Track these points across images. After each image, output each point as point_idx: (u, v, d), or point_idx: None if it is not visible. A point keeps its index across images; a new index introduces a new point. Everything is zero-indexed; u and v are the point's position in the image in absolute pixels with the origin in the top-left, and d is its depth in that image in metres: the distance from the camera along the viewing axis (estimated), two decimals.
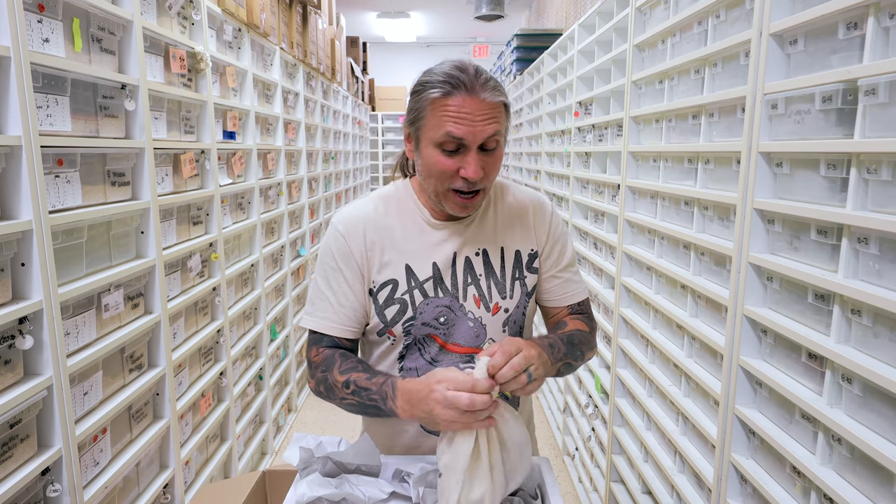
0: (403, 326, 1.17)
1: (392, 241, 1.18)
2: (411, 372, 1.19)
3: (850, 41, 1.03)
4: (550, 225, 1.25)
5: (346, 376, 1.11)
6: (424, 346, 1.18)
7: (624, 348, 2.12)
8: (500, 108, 1.08)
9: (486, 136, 1.05)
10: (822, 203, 1.09)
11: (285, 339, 3.43)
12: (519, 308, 1.22)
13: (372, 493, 1.06)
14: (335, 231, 1.19)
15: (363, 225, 1.18)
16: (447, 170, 1.08)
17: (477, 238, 1.20)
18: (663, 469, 1.75)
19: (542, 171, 3.75)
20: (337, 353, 1.17)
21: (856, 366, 0.97)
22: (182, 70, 2.04)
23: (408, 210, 1.20)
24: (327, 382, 1.13)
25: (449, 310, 1.17)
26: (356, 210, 1.21)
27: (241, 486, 1.58)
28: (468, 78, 1.05)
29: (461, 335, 1.18)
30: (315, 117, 4.24)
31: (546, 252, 1.24)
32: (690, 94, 1.63)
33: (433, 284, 1.17)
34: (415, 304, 1.17)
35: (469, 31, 10.43)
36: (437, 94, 1.06)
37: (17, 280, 1.33)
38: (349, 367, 1.12)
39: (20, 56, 1.25)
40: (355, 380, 1.09)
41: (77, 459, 1.45)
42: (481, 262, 1.20)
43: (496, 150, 1.09)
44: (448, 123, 1.05)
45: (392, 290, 1.17)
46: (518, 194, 1.26)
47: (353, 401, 1.10)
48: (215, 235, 2.32)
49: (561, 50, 3.26)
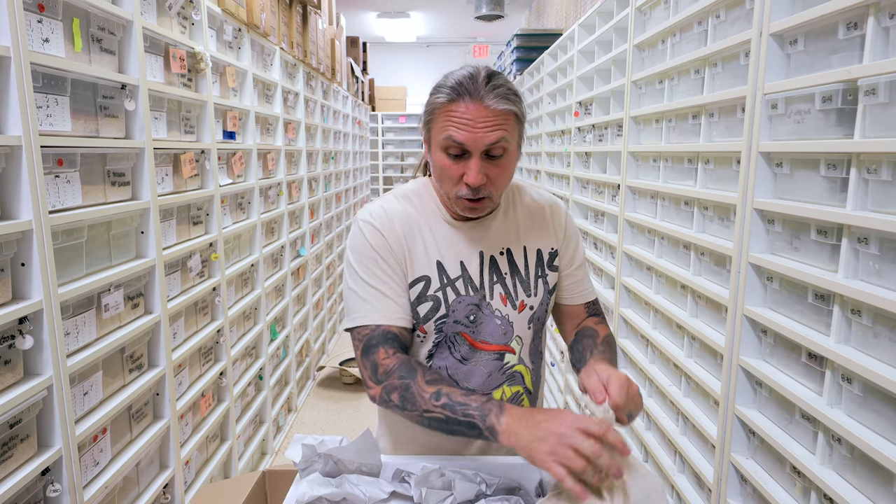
0: (436, 324, 1.17)
1: (422, 236, 1.17)
2: (441, 370, 1.19)
3: (850, 41, 1.03)
4: (566, 224, 1.27)
5: (435, 387, 1.03)
6: (454, 344, 1.18)
7: (624, 348, 2.12)
8: (508, 116, 1.06)
9: (489, 143, 1.04)
10: (822, 203, 1.09)
11: (285, 339, 3.43)
12: (542, 305, 1.23)
13: (372, 492, 1.06)
14: (369, 227, 1.16)
15: (394, 219, 1.17)
16: (452, 174, 1.08)
17: (500, 237, 1.21)
18: (663, 469, 1.75)
19: (542, 171, 3.75)
20: (413, 359, 1.11)
21: (856, 366, 0.97)
22: (182, 70, 2.04)
23: (430, 208, 1.21)
24: (409, 391, 1.05)
25: (478, 308, 1.17)
26: (384, 206, 1.19)
27: (241, 486, 1.58)
28: (476, 85, 1.05)
29: (489, 333, 1.18)
30: (315, 117, 4.24)
31: (563, 251, 1.26)
32: (690, 94, 1.63)
33: (463, 283, 1.17)
34: (448, 302, 1.16)
35: (469, 31, 10.43)
36: (443, 100, 1.07)
37: (17, 280, 1.33)
38: (435, 377, 1.06)
39: (20, 56, 1.25)
40: (448, 392, 1.02)
41: (77, 459, 1.45)
42: (506, 260, 1.21)
43: (503, 158, 1.08)
44: (451, 128, 1.05)
45: (425, 286, 1.16)
46: (535, 195, 1.28)
47: (440, 414, 1.02)
48: (215, 235, 2.32)
49: (561, 50, 3.26)
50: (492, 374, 1.20)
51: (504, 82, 1.08)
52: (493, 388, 1.20)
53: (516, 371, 1.22)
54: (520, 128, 1.11)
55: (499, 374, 1.20)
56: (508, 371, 1.21)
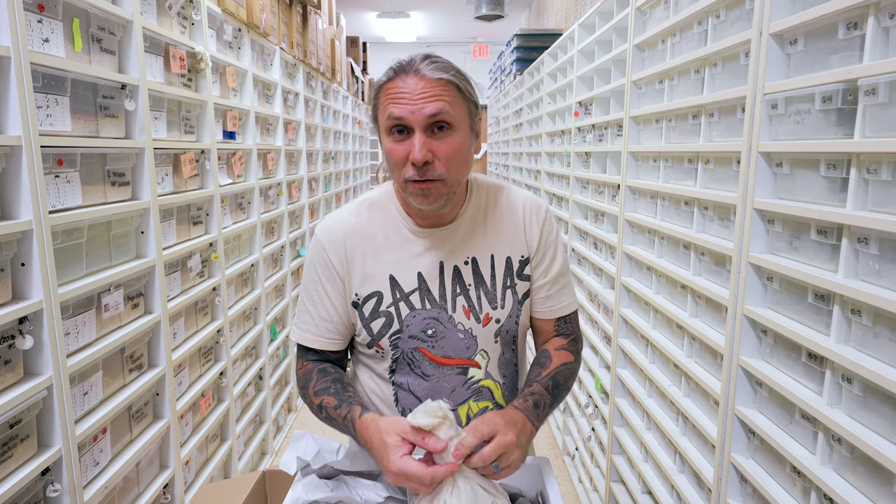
0: (390, 340, 1.14)
1: (374, 250, 1.14)
2: (403, 386, 1.17)
3: (850, 41, 1.03)
4: (542, 230, 1.19)
5: (319, 399, 1.12)
6: (414, 361, 1.15)
7: (624, 348, 2.12)
8: (447, 86, 1.01)
9: (428, 114, 0.99)
10: (822, 203, 1.09)
11: (285, 339, 3.43)
12: (511, 318, 1.17)
13: (368, 496, 1.06)
14: (316, 242, 1.16)
15: (343, 234, 1.14)
16: (399, 157, 1.03)
17: (465, 246, 1.15)
18: (663, 469, 1.75)
19: (542, 171, 3.75)
20: (316, 368, 1.16)
21: (856, 366, 0.97)
22: (182, 70, 2.04)
23: (390, 218, 1.16)
24: (307, 399, 1.16)
25: (437, 321, 1.13)
26: (338, 219, 1.17)
27: (241, 486, 1.58)
28: (411, 60, 1.03)
29: (451, 347, 1.14)
30: (315, 117, 4.24)
31: (537, 259, 1.19)
32: (690, 94, 1.63)
33: (419, 296, 1.13)
34: (401, 317, 1.13)
35: (469, 31, 10.43)
36: (383, 80, 1.05)
37: (17, 280, 1.33)
38: (322, 387, 1.13)
39: (20, 56, 1.25)
40: (326, 405, 1.11)
41: (77, 459, 1.45)
42: (470, 271, 1.15)
43: (448, 133, 1.02)
44: (390, 105, 1.02)
45: (377, 302, 1.13)
46: (512, 197, 1.20)
47: (329, 423, 1.12)
48: (215, 235, 2.32)
49: (561, 50, 3.26)
50: (456, 389, 1.15)
51: (444, 60, 1.06)
52: (458, 405, 1.16)
53: (483, 386, 1.17)
54: (468, 106, 1.06)
55: (463, 388, 1.16)
56: (474, 386, 1.16)
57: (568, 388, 1.16)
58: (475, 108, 1.08)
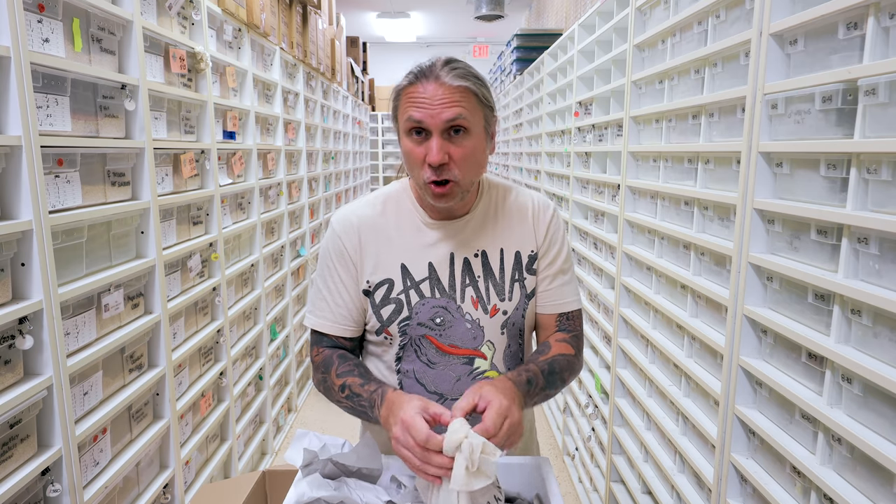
0: (399, 326, 1.17)
1: (388, 240, 1.18)
2: (408, 374, 1.19)
3: (850, 41, 1.03)
4: (549, 226, 1.23)
5: (342, 380, 1.13)
6: (421, 348, 1.18)
7: (624, 348, 2.12)
8: (466, 93, 1.06)
9: (446, 120, 1.04)
10: (822, 203, 1.09)
11: (285, 339, 3.43)
12: (518, 310, 1.21)
13: (369, 498, 1.06)
14: (331, 230, 1.21)
15: (358, 224, 1.19)
16: (416, 158, 1.08)
17: (476, 239, 1.19)
18: (663, 469, 1.75)
19: (542, 171, 3.75)
20: (336, 354, 1.18)
21: (856, 366, 0.97)
22: (182, 70, 2.04)
23: (405, 210, 1.21)
24: (326, 384, 1.17)
25: (445, 311, 1.17)
26: (353, 209, 1.22)
27: (241, 486, 1.58)
28: (433, 66, 1.08)
29: (458, 337, 1.17)
30: (315, 117, 4.24)
31: (542, 253, 1.23)
32: (690, 94, 1.63)
33: (429, 285, 1.17)
34: (410, 304, 1.17)
35: (469, 31, 10.44)
36: (405, 84, 1.10)
37: (17, 280, 1.33)
38: (346, 370, 1.14)
39: (20, 56, 1.25)
40: (350, 384, 1.12)
41: (77, 459, 1.45)
42: (480, 263, 1.19)
43: (465, 138, 1.07)
44: (411, 108, 1.07)
45: (388, 289, 1.17)
46: (522, 195, 1.26)
47: (347, 405, 1.13)
48: (215, 235, 2.32)
49: (561, 50, 3.26)
50: (460, 378, 1.18)
51: (464, 66, 1.09)
52: (461, 394, 1.16)
53: (488, 377, 1.19)
54: (484, 111, 1.10)
55: (468, 378, 1.18)
56: (479, 376, 1.19)
57: (564, 379, 1.17)
58: (490, 111, 1.13)
